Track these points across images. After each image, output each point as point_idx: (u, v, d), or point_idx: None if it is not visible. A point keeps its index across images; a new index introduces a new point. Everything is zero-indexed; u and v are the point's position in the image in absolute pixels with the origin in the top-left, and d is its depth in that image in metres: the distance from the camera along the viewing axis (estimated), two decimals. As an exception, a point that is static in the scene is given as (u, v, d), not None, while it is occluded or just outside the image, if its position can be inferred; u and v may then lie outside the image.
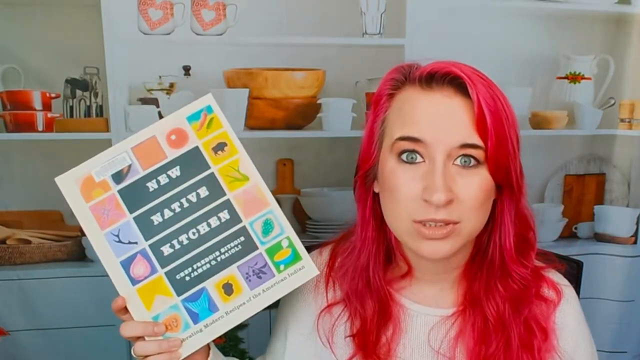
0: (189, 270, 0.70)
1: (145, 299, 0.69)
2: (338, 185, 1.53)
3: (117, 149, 0.71)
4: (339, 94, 1.52)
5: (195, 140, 0.72)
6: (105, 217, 0.70)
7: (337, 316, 0.77)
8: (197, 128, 0.72)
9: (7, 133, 1.42)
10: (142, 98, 1.46)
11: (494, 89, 0.67)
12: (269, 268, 0.71)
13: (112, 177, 0.70)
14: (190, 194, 0.71)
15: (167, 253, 0.70)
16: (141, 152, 0.71)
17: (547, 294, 0.76)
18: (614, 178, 1.72)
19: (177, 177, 0.71)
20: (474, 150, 0.66)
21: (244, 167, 0.72)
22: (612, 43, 1.63)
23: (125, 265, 0.70)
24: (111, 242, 0.70)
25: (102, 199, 0.70)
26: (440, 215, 0.66)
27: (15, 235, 1.47)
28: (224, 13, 1.45)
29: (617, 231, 1.71)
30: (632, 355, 1.74)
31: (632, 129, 1.68)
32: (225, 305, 0.70)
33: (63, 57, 1.41)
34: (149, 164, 0.71)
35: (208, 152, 0.72)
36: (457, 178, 0.66)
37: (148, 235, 0.70)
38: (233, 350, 1.36)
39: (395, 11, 1.50)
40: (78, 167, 0.72)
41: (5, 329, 1.47)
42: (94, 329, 1.49)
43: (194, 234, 0.70)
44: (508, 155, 0.67)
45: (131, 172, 0.71)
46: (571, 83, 1.65)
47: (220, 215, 0.70)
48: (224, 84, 1.48)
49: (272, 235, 0.71)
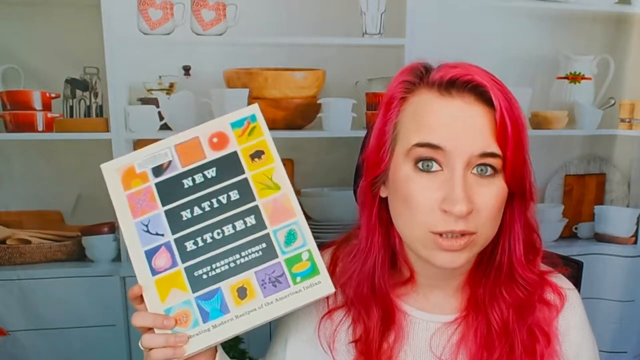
0: (208, 269, 0.71)
1: (161, 291, 0.70)
2: (338, 185, 1.54)
3: (162, 145, 0.74)
4: (339, 94, 1.53)
5: (235, 145, 0.74)
6: (138, 206, 0.73)
7: (339, 322, 0.76)
8: (239, 134, 0.74)
9: (7, 133, 1.43)
10: (142, 98, 1.46)
11: (510, 96, 0.66)
12: (286, 278, 0.70)
13: (152, 170, 0.73)
14: (222, 196, 0.72)
15: (189, 249, 0.71)
16: (183, 150, 0.74)
17: (551, 299, 0.75)
18: (614, 178, 1.72)
19: (212, 177, 0.73)
20: (493, 159, 0.65)
21: (277, 176, 0.73)
22: (612, 43, 1.63)
23: (148, 255, 0.71)
24: (140, 231, 0.72)
25: (139, 189, 0.73)
26: (460, 226, 0.64)
27: (15, 235, 1.47)
28: (224, 13, 1.45)
29: (617, 231, 1.72)
30: (632, 355, 1.74)
31: (632, 129, 1.68)
32: (236, 309, 0.70)
33: (63, 57, 1.41)
34: (188, 162, 0.73)
35: (245, 158, 0.74)
36: (475, 187, 0.65)
37: (175, 229, 0.72)
38: (233, 350, 1.36)
39: (395, 11, 1.51)
40: (123, 157, 0.75)
41: (5, 329, 1.47)
42: (94, 329, 1.49)
43: (219, 234, 0.71)
44: (524, 163, 0.67)
45: (170, 168, 0.73)
46: (571, 83, 1.65)
47: (247, 220, 0.72)
48: (224, 84, 1.48)
49: (294, 246, 0.71)
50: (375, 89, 1.52)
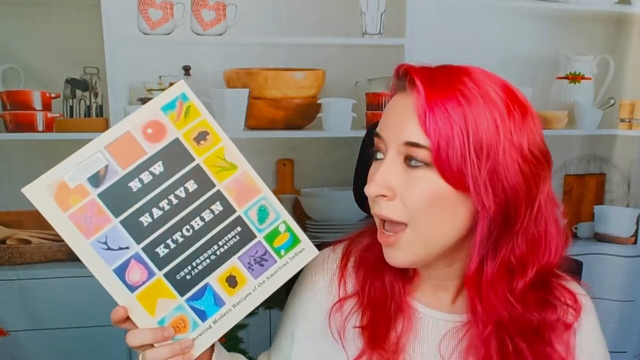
0: (189, 269, 0.67)
1: (147, 305, 0.66)
2: (338, 185, 1.53)
3: (90, 149, 0.65)
4: (339, 94, 1.52)
5: (174, 131, 0.67)
6: (88, 224, 0.65)
7: (349, 311, 0.75)
8: (174, 118, 0.67)
9: (7, 133, 1.43)
10: (142, 98, 1.45)
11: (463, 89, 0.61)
12: (270, 255, 0.69)
13: (88, 180, 0.65)
14: (178, 190, 0.67)
15: (162, 254, 0.66)
16: (117, 150, 0.65)
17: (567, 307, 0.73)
18: (614, 178, 1.72)
19: (160, 173, 0.66)
20: (417, 149, 0.62)
21: (230, 155, 0.68)
22: (612, 43, 1.63)
23: (119, 273, 0.66)
24: (99, 250, 0.65)
25: (81, 206, 0.64)
26: (380, 210, 0.65)
27: (15, 235, 1.47)
28: (224, 13, 1.45)
29: (617, 231, 1.72)
30: (632, 355, 1.74)
31: (632, 129, 1.68)
32: (231, 298, 0.68)
33: (63, 57, 1.41)
34: (128, 162, 0.66)
35: (190, 143, 0.67)
36: (404, 176, 0.64)
37: (139, 238, 0.66)
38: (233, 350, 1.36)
39: (395, 11, 1.51)
40: (46, 173, 0.64)
41: (5, 329, 1.47)
42: (94, 329, 1.49)
43: (188, 230, 0.67)
44: (464, 161, 0.61)
45: (109, 173, 0.65)
46: (571, 83, 1.65)
47: (213, 208, 0.68)
48: (224, 84, 1.48)
49: (269, 222, 0.69)
50: (375, 89, 1.52)
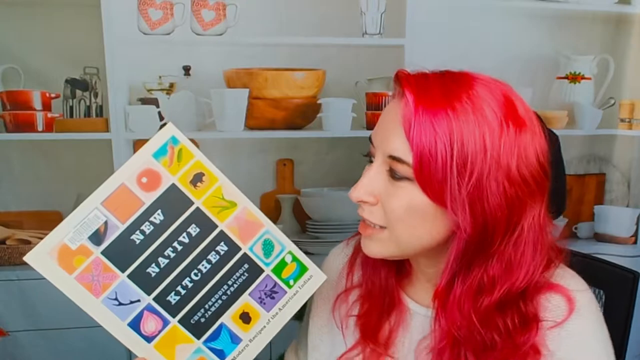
0: (202, 312, 0.68)
1: (166, 352, 0.67)
2: (338, 185, 1.54)
3: (86, 208, 0.65)
4: (339, 94, 1.53)
5: (169, 177, 0.66)
6: (96, 283, 0.65)
7: (352, 303, 0.78)
8: (167, 164, 0.66)
9: (7, 133, 1.43)
10: (142, 98, 1.46)
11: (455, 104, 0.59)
12: (280, 286, 0.70)
13: (89, 239, 0.64)
14: (181, 236, 0.67)
15: (174, 301, 0.67)
16: (114, 204, 0.65)
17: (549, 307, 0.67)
18: (614, 178, 1.72)
19: (161, 221, 0.66)
20: (399, 164, 0.62)
21: (228, 193, 0.68)
22: (612, 43, 1.63)
23: (134, 326, 0.66)
24: (111, 307, 0.66)
25: (86, 266, 0.65)
26: (362, 212, 0.68)
27: (15, 235, 1.47)
28: (224, 13, 1.45)
29: (617, 231, 1.72)
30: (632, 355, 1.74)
31: (632, 129, 1.68)
32: (247, 334, 0.69)
33: (63, 57, 1.41)
34: (127, 216, 0.65)
35: (187, 186, 0.67)
36: (387, 184, 0.64)
37: (149, 290, 0.66)
38: None
39: (395, 11, 1.51)
40: (46, 238, 0.65)
41: (5, 329, 1.47)
42: (94, 329, 1.46)
43: (197, 274, 0.67)
44: (445, 178, 0.59)
45: (110, 229, 0.65)
46: (571, 83, 1.65)
47: (218, 249, 0.68)
48: (224, 84, 1.48)
49: (275, 254, 0.70)
50: (375, 89, 1.53)
